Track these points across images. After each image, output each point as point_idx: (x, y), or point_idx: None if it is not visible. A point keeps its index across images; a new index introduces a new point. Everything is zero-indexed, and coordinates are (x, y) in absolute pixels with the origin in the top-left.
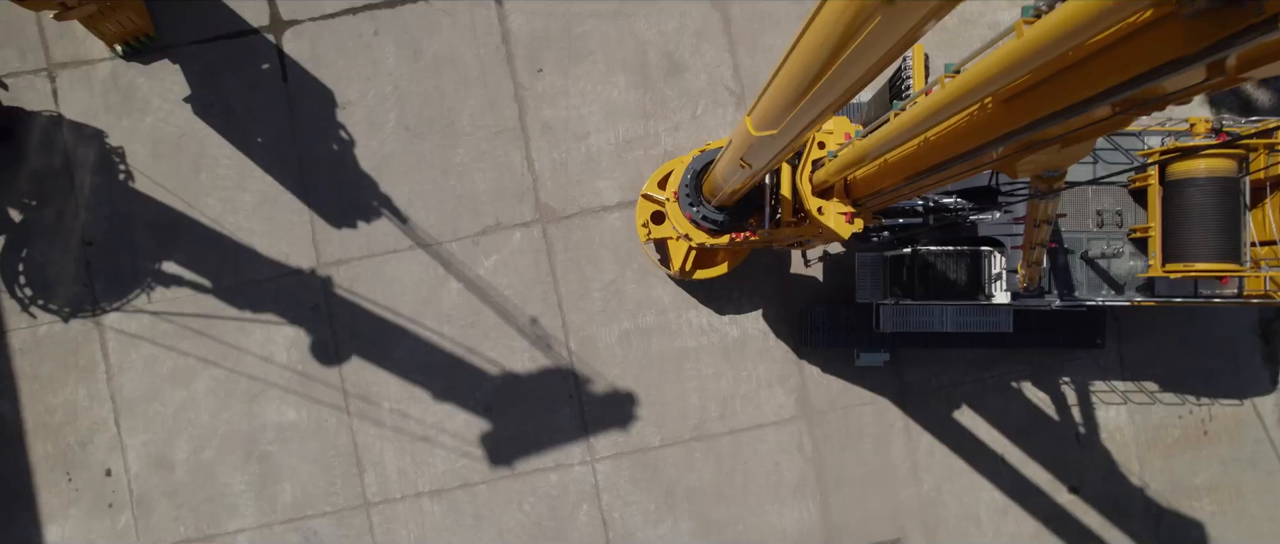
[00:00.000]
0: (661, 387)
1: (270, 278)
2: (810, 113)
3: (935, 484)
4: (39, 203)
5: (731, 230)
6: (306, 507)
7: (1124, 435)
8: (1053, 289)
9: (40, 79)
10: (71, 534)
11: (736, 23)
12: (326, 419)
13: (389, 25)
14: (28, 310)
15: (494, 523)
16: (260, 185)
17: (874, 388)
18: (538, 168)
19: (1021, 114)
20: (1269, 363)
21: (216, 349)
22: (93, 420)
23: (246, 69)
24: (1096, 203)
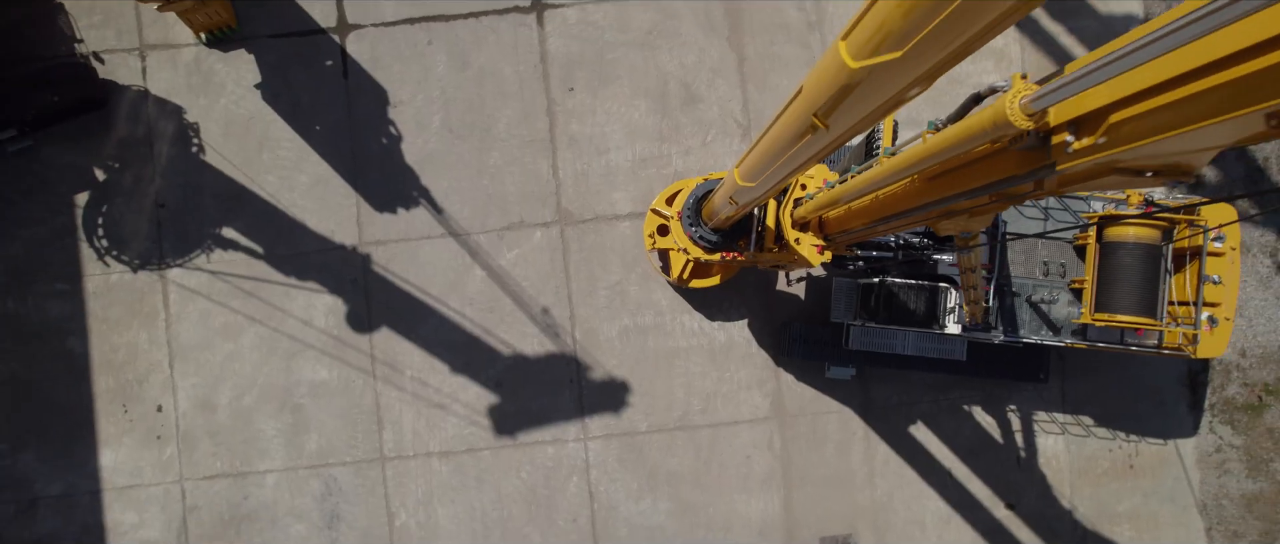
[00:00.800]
0: (653, 379)
1: (317, 251)
2: (774, 178)
3: (888, 490)
4: (121, 166)
5: (724, 249)
6: (329, 456)
7: (1059, 462)
8: (998, 325)
9: (132, 57)
10: (123, 459)
11: (749, 63)
12: (354, 380)
13: (442, 37)
14: (103, 259)
15: (494, 486)
16: (315, 168)
17: (841, 399)
18: (561, 176)
19: (936, 191)
20: (1193, 410)
21: (263, 309)
22: (150, 362)
23: (312, 64)
24: (1045, 254)
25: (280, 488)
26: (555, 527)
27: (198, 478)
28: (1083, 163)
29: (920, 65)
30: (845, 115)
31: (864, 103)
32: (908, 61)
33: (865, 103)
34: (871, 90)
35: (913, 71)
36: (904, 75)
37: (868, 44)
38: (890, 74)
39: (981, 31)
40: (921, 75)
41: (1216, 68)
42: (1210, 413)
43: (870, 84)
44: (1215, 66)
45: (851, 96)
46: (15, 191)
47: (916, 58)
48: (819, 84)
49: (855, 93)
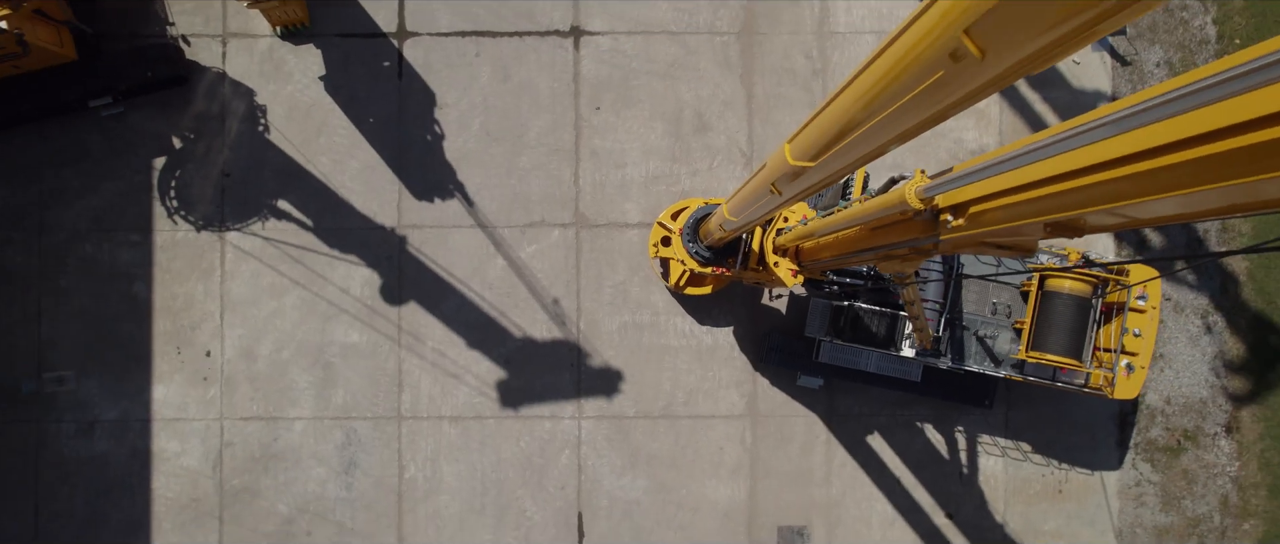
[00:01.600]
0: (644, 371)
1: (359, 228)
2: (751, 219)
3: (842, 490)
4: (196, 137)
5: (715, 264)
6: (352, 410)
7: (996, 481)
8: (947, 353)
9: (215, 43)
10: (172, 395)
11: (757, 100)
12: (381, 345)
13: (488, 51)
14: (171, 217)
15: (495, 451)
16: (365, 155)
17: (808, 405)
18: (581, 183)
19: (875, 240)
20: (1119, 447)
21: (307, 275)
22: (203, 311)
23: (371, 63)
24: (995, 296)
25: (306, 434)
26: (545, 492)
27: (235, 418)
28: (957, 236)
29: (830, 168)
30: (796, 185)
31: (805, 181)
32: (821, 168)
33: (806, 181)
34: (807, 176)
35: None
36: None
37: (798, 150)
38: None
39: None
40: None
41: (1031, 187)
42: (1134, 451)
43: (805, 174)
44: (1030, 186)
45: (798, 179)
46: (104, 151)
47: (825, 167)
48: (772, 166)
49: (801, 177)
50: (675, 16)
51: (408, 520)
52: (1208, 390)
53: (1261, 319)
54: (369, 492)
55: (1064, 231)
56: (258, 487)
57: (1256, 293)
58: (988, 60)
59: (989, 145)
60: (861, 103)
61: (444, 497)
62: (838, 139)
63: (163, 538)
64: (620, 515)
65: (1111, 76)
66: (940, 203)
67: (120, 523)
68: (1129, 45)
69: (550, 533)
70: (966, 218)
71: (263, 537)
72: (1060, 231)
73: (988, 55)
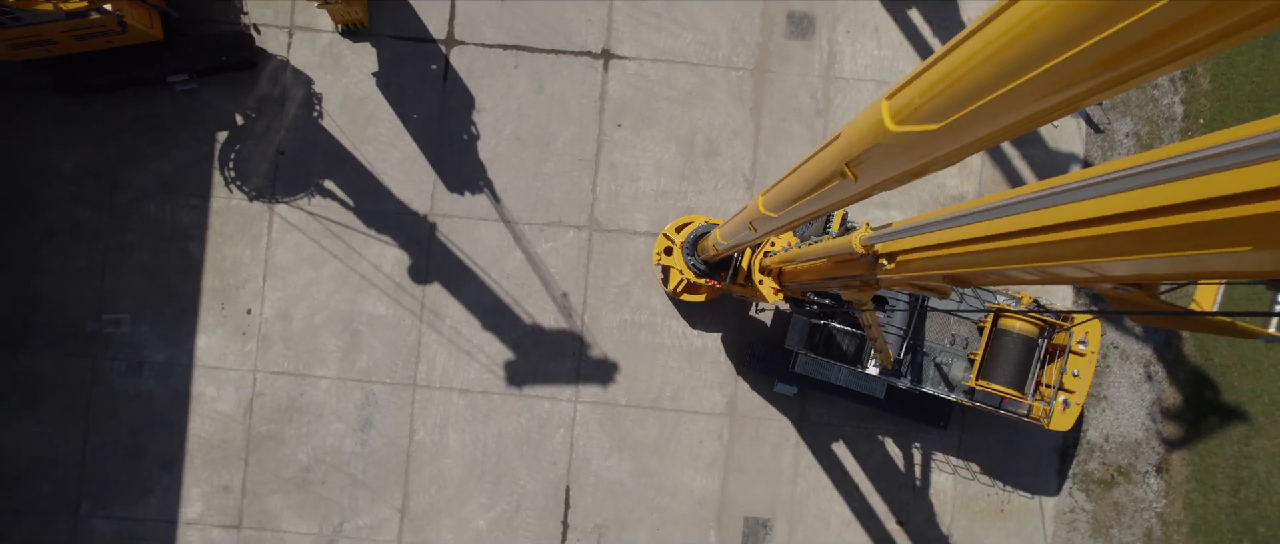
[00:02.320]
0: (638, 365)
1: (395, 212)
2: (792, 216)
3: (806, 490)
4: (257, 116)
5: (709, 277)
6: (373, 375)
7: (946, 496)
8: (907, 375)
9: (282, 34)
10: (213, 345)
11: (763, 131)
12: (404, 319)
13: (526, 64)
14: (228, 186)
15: (497, 425)
16: (406, 147)
17: (782, 410)
18: (598, 192)
19: (835, 271)
20: (1059, 475)
21: (344, 250)
22: (248, 273)
23: (420, 65)
24: (955, 328)
25: (330, 392)
26: (538, 465)
27: (268, 371)
28: (890, 276)
29: (792, 218)
30: (767, 225)
31: (773, 224)
32: (784, 218)
33: (773, 224)
34: (774, 222)
35: (789, 220)
36: (784, 221)
37: (768, 203)
38: (776, 220)
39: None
40: (795, 222)
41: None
42: (1072, 480)
43: (773, 220)
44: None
45: (768, 223)
46: (176, 122)
47: (788, 218)
48: (750, 209)
49: (770, 221)
50: (697, 50)
51: (413, 479)
52: (1143, 432)
53: (1199, 373)
54: (381, 449)
55: (959, 282)
56: (281, 435)
57: (1197, 349)
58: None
59: (969, 193)
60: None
61: (448, 460)
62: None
63: (193, 472)
64: (604, 493)
65: (1085, 142)
66: (879, 249)
67: (157, 455)
68: (1103, 115)
69: (540, 502)
70: (896, 263)
71: (282, 481)
72: (956, 282)
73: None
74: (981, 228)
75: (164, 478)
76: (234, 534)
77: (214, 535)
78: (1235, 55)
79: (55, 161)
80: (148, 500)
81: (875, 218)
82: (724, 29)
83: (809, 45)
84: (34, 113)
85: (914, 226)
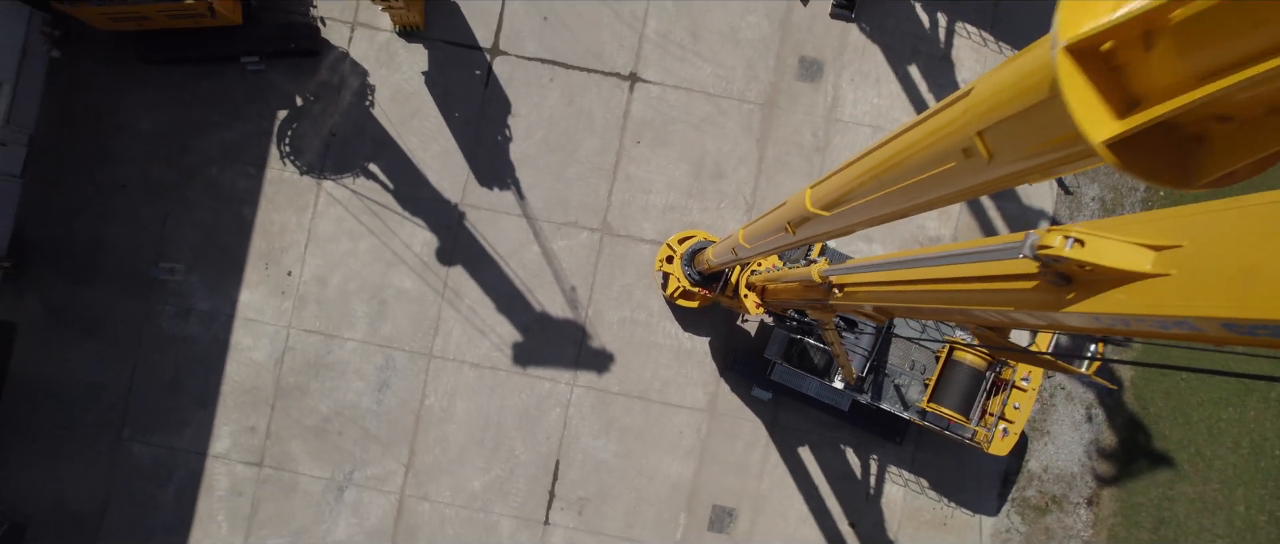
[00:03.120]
0: (632, 359)
1: (429, 198)
2: (760, 250)
3: (770, 487)
4: (315, 100)
5: (702, 287)
6: (394, 342)
7: (895, 505)
8: (868, 391)
9: (345, 28)
10: (254, 300)
11: (766, 161)
12: (427, 295)
13: (560, 78)
14: (283, 160)
15: (500, 399)
16: (445, 142)
17: (757, 413)
18: (612, 199)
19: (803, 294)
20: (999, 498)
21: (380, 227)
22: (292, 240)
23: (465, 69)
24: (915, 355)
25: (354, 353)
26: (533, 439)
27: (300, 329)
28: (839, 302)
29: (761, 249)
30: (747, 254)
31: (747, 254)
32: (754, 250)
33: (748, 254)
34: (748, 252)
35: (759, 250)
36: (753, 252)
37: (747, 237)
38: (750, 249)
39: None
40: (764, 252)
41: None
42: (1010, 504)
43: (747, 250)
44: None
45: (741, 253)
46: (243, 98)
47: (758, 249)
48: (728, 240)
49: (746, 251)
50: (714, 82)
51: (420, 439)
52: (1079, 467)
53: (1135, 420)
54: (394, 409)
55: (885, 312)
56: (307, 387)
57: (1135, 398)
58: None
59: (945, 236)
60: (759, 232)
61: (453, 425)
62: (758, 240)
63: (225, 412)
64: (590, 469)
65: (1054, 201)
66: (833, 280)
67: (195, 392)
68: (1074, 179)
69: (531, 472)
70: (844, 293)
71: (303, 428)
72: (883, 312)
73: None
74: (889, 274)
75: (198, 414)
76: (255, 471)
77: (237, 470)
78: None
79: (134, 122)
80: (182, 432)
81: (858, 249)
82: (741, 65)
83: (816, 88)
84: (120, 78)
85: (854, 266)
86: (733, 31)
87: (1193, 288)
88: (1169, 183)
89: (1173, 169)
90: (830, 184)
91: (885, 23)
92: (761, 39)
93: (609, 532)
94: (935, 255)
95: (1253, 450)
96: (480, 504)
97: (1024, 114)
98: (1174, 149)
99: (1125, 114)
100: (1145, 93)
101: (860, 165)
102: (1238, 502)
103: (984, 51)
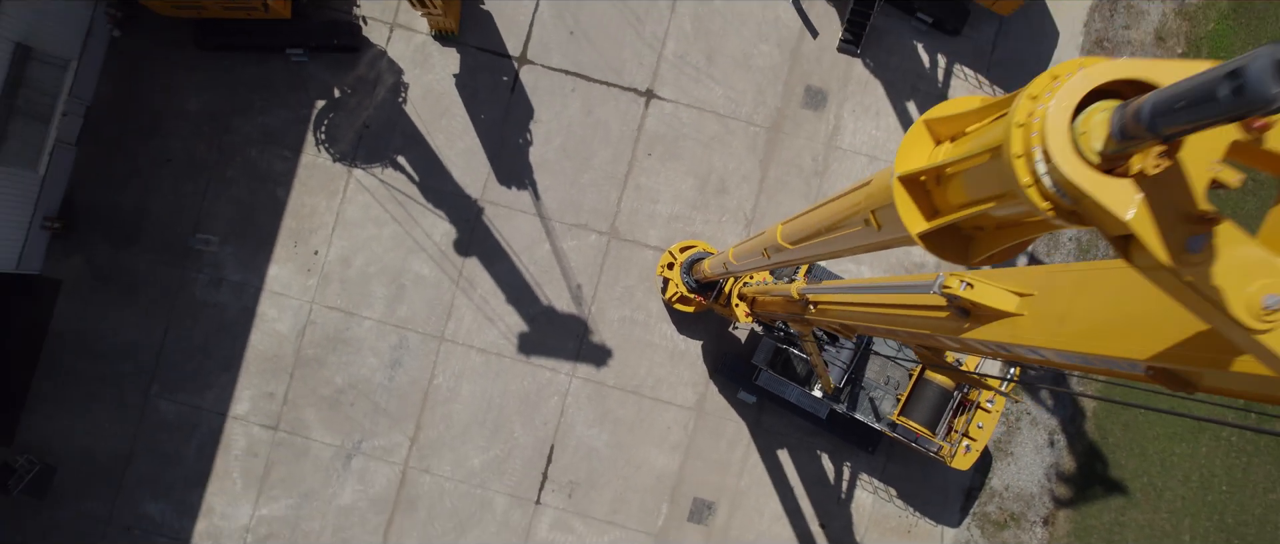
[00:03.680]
0: (628, 355)
1: (451, 193)
2: (746, 269)
3: (749, 484)
4: (351, 93)
5: (698, 294)
6: (409, 323)
7: (865, 510)
8: (845, 402)
9: (385, 28)
10: (282, 275)
11: (768, 181)
12: (442, 282)
13: (581, 90)
14: (317, 146)
15: (504, 383)
16: (470, 141)
17: (741, 415)
18: (621, 206)
19: (785, 308)
20: (961, 511)
21: (404, 215)
22: (321, 221)
23: (493, 75)
24: (891, 372)
25: (371, 331)
26: (532, 423)
27: (323, 305)
28: (814, 318)
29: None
30: (736, 270)
31: (733, 270)
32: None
33: (733, 271)
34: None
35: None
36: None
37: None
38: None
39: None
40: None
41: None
42: (971, 517)
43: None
44: (834, 302)
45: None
46: (285, 86)
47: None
48: (718, 257)
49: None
50: (725, 103)
51: (427, 415)
52: (1038, 488)
53: (1094, 448)
54: (404, 386)
55: (847, 329)
56: (325, 360)
57: (1096, 428)
58: (771, 261)
59: (928, 264)
60: (745, 252)
61: (458, 405)
62: (744, 260)
63: (247, 377)
64: (582, 456)
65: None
66: (810, 298)
67: (221, 357)
68: None
69: (527, 454)
70: (817, 309)
71: (318, 397)
72: (846, 329)
73: (771, 259)
74: (847, 297)
75: (222, 377)
76: (271, 434)
77: (254, 432)
78: None
79: (182, 102)
80: (206, 393)
81: (848, 270)
82: (751, 90)
83: (819, 116)
84: (174, 60)
85: (823, 287)
86: (745, 58)
87: (1037, 325)
88: (955, 260)
89: (957, 253)
90: (795, 224)
91: (888, 60)
92: (772, 67)
93: (595, 515)
94: (880, 285)
95: (1201, 485)
96: (478, 480)
97: (884, 209)
98: (958, 240)
99: (930, 219)
100: (941, 208)
101: (811, 216)
102: (1184, 531)
103: (978, 93)
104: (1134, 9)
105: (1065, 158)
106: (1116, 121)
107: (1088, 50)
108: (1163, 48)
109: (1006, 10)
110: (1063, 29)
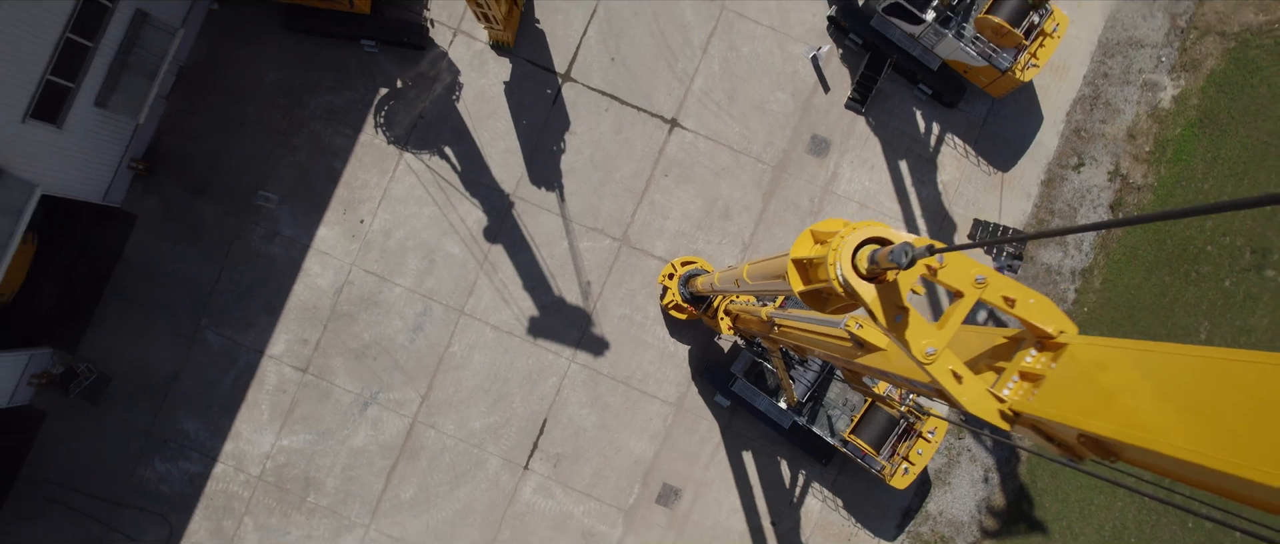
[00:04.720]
0: (623, 349)
1: (488, 185)
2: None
3: (714, 477)
4: (412, 86)
5: (691, 305)
6: (435, 294)
7: (812, 515)
8: (805, 416)
9: (449, 32)
10: (329, 237)
11: (767, 214)
12: (469, 262)
13: (614, 110)
14: (375, 129)
15: (510, 359)
16: (510, 142)
17: (715, 416)
18: (635, 218)
19: (759, 327)
20: (897, 528)
21: (443, 199)
22: (370, 194)
23: (539, 87)
24: (850, 395)
25: (400, 297)
26: (530, 398)
27: (362, 269)
28: (779, 338)
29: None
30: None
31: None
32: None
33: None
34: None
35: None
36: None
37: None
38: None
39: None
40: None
41: (790, 326)
42: (906, 535)
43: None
44: (790, 326)
45: (740, 284)
46: (354, 72)
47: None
48: (713, 272)
49: (740, 283)
50: (739, 139)
51: (438, 378)
52: (968, 518)
53: (1023, 489)
54: (423, 350)
55: (801, 352)
56: (356, 316)
57: (1027, 472)
58: (742, 289)
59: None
60: (727, 279)
61: (467, 373)
62: (725, 286)
63: (286, 322)
64: (570, 433)
65: None
66: (776, 319)
67: (265, 300)
68: (1030, 249)
69: (521, 424)
70: (779, 330)
71: (346, 349)
72: (800, 351)
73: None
74: (794, 322)
75: (264, 319)
76: (299, 375)
77: (286, 371)
78: (1124, 268)
79: (263, 73)
80: (248, 331)
81: None
82: (763, 131)
83: (820, 162)
84: (261, 36)
85: (782, 313)
86: (762, 102)
87: (896, 358)
88: (817, 309)
89: (820, 306)
90: (753, 267)
91: (889, 121)
92: (785, 113)
93: (576, 486)
94: (814, 317)
95: (1113, 535)
96: (476, 441)
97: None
98: (820, 298)
99: (808, 285)
100: (813, 278)
101: (759, 265)
102: None
103: (964, 162)
104: (1111, 106)
105: (847, 270)
106: (871, 257)
107: (1066, 137)
108: (1132, 144)
109: (999, 93)
110: (1047, 115)
